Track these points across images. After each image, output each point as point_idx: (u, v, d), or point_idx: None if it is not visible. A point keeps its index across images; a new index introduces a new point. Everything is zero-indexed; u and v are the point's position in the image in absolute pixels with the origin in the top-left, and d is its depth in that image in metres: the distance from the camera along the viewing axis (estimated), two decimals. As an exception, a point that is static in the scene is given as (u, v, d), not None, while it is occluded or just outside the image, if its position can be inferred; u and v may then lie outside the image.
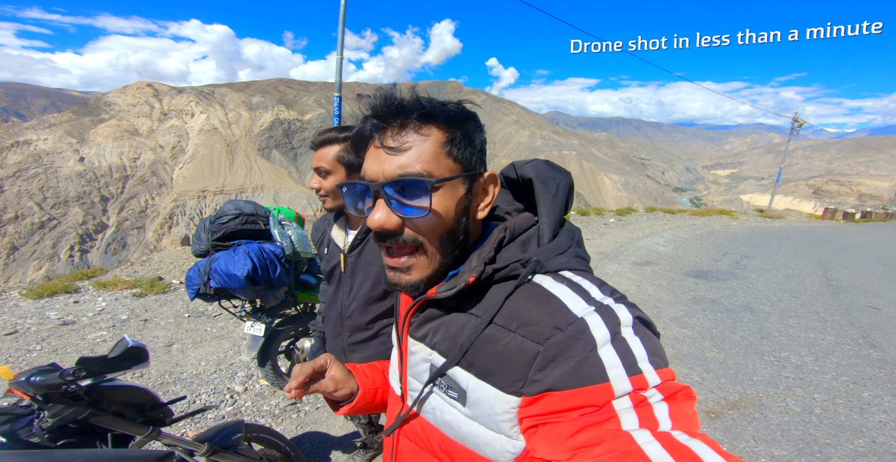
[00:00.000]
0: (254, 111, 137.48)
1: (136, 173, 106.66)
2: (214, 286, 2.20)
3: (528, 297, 0.56)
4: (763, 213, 18.44)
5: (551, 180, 0.66)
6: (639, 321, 0.52)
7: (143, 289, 4.35)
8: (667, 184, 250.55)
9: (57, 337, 3.32)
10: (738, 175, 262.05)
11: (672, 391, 0.48)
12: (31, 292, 4.15)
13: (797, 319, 4.58)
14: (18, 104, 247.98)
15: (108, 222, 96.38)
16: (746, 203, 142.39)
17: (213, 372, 2.91)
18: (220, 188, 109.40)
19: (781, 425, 2.64)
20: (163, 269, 5.28)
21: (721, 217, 14.84)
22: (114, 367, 1.10)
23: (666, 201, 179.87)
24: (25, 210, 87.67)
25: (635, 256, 7.16)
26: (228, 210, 2.36)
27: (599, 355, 0.48)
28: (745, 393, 3.01)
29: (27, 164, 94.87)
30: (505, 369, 0.54)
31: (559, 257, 0.60)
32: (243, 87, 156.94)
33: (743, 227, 12.63)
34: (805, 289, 5.83)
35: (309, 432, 2.39)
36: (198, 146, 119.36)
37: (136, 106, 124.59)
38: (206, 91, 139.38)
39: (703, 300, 5.04)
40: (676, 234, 9.99)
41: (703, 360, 3.47)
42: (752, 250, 8.62)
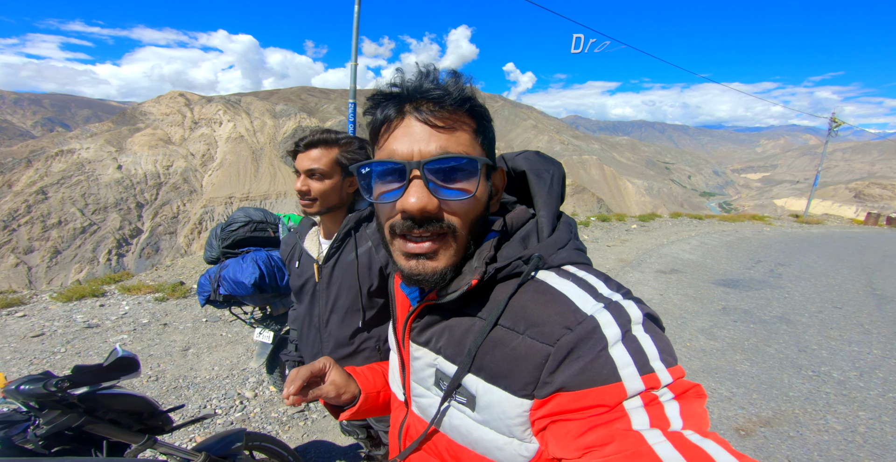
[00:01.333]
0: (277, 119, 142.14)
1: (169, 180, 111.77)
2: (224, 293, 2.21)
3: (534, 296, 0.53)
4: (799, 218, 17.49)
5: (545, 172, 0.64)
6: (648, 318, 0.50)
7: (165, 293, 4.47)
8: (693, 188, 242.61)
9: (81, 340, 3.43)
10: (772, 179, 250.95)
11: (683, 389, 0.46)
12: (61, 296, 4.32)
13: (839, 331, 4.25)
14: (63, 114, 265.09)
15: (142, 227, 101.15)
16: (781, 208, 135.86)
17: (226, 377, 2.92)
18: (246, 194, 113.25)
19: (820, 444, 2.43)
20: (185, 274, 5.43)
21: (753, 222, 14.14)
22: (104, 377, 1.08)
23: (693, 206, 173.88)
24: (68, 216, 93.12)
25: (659, 264, 6.87)
26: (238, 217, 2.38)
27: (611, 354, 0.47)
28: (780, 409, 2.80)
29: (70, 171, 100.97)
30: (515, 373, 0.52)
31: (561, 252, 0.58)
32: (268, 95, 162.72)
33: (777, 234, 11.98)
34: (848, 299, 5.42)
35: (315, 441, 2.35)
36: (225, 154, 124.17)
37: (170, 115, 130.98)
38: (233, 100, 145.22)
39: (734, 310, 4.75)
40: (704, 240, 9.56)
41: (734, 374, 3.24)
42: (788, 258, 8.13)
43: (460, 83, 0.55)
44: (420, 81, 0.54)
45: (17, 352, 3.18)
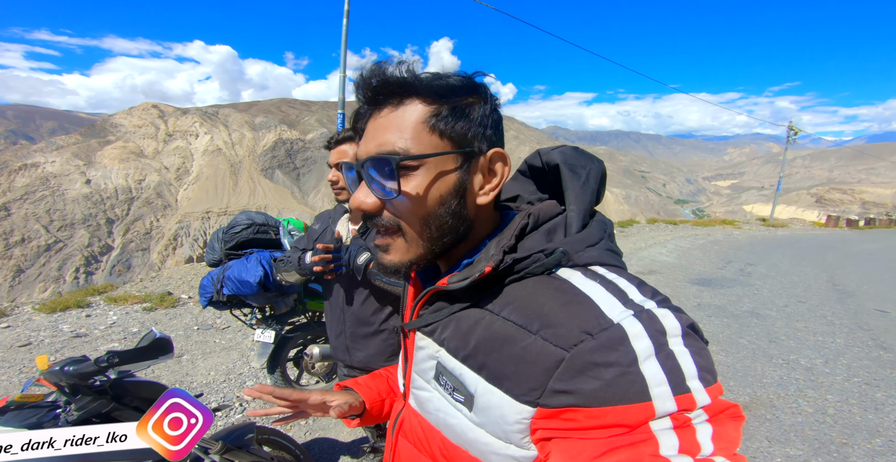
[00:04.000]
0: (257, 131, 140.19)
1: (141, 195, 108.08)
2: (227, 293, 2.26)
3: (554, 295, 0.48)
4: (766, 222, 18.42)
5: (580, 167, 0.59)
6: (689, 329, 0.45)
7: (154, 303, 4.41)
8: (668, 196, 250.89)
9: (70, 349, 3.36)
10: (740, 185, 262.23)
11: (718, 410, 0.42)
12: (44, 307, 4.21)
13: (805, 323, 4.56)
14: (27, 126, 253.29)
15: (113, 244, 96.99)
16: (749, 213, 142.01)
17: (223, 381, 2.93)
18: (224, 209, 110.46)
19: (795, 426, 2.63)
20: (171, 284, 5.35)
21: (724, 227, 14.85)
22: (142, 357, 1.15)
23: (668, 213, 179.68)
24: (32, 233, 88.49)
25: (638, 266, 7.18)
26: (241, 220, 2.45)
27: (641, 371, 0.41)
28: (756, 395, 3.00)
29: (35, 186, 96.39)
30: (521, 375, 0.47)
31: (590, 250, 0.52)
32: (247, 107, 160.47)
33: (746, 237, 12.63)
34: (811, 294, 5.81)
35: (318, 438, 2.40)
36: (202, 167, 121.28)
37: (142, 127, 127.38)
38: (211, 112, 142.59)
39: (709, 306, 5.04)
40: (679, 244, 10.00)
41: (711, 364, 3.46)
42: (757, 258, 8.61)
43: (402, 67, 0.51)
44: (362, 84, 0.52)
45: (4, 361, 3.11)
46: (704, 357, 0.44)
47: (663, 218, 16.76)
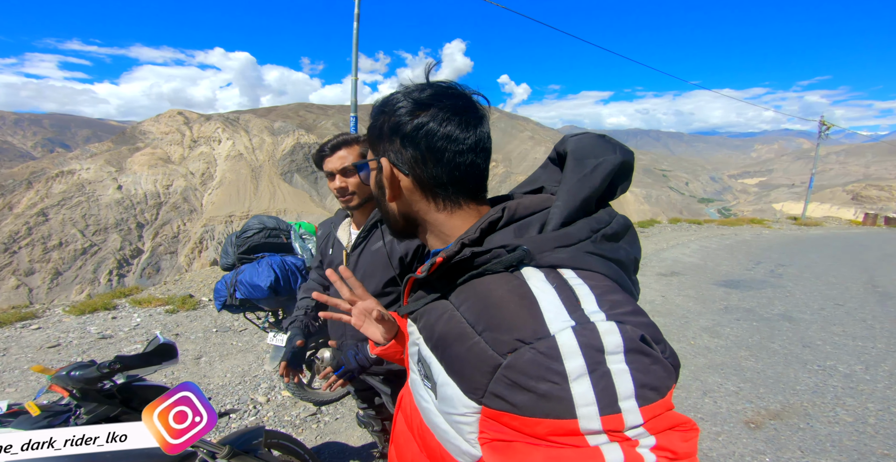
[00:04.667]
0: (276, 136, 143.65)
1: (169, 200, 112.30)
2: (240, 297, 2.28)
3: (506, 295, 0.48)
4: (798, 220, 17.60)
5: (591, 158, 0.56)
6: (636, 344, 0.43)
7: (176, 305, 4.53)
8: (692, 195, 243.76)
9: (96, 350, 3.48)
10: (768, 183, 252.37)
11: (665, 426, 0.43)
12: (74, 309, 4.38)
13: (842, 327, 4.30)
14: (63, 134, 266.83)
15: (143, 247, 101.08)
16: (779, 212, 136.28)
17: (238, 383, 2.97)
18: (246, 213, 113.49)
19: (831, 436, 2.47)
20: (193, 287, 5.49)
21: (752, 226, 14.25)
22: (146, 362, 1.15)
23: (692, 213, 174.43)
24: (69, 237, 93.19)
25: (660, 267, 6.95)
26: (253, 225, 2.47)
27: (570, 389, 0.41)
28: (788, 403, 2.83)
29: (71, 192, 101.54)
30: (466, 373, 0.49)
31: (559, 250, 0.51)
32: (266, 112, 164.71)
33: (776, 236, 12.08)
34: (849, 296, 5.48)
35: (328, 442, 2.39)
36: (225, 172, 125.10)
37: (169, 134, 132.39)
38: (232, 117, 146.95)
39: (737, 309, 4.81)
40: (704, 244, 9.65)
41: (739, 370, 3.28)
42: (788, 259, 8.21)
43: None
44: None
45: (34, 361, 3.24)
46: (650, 374, 0.43)
47: (687, 217, 16.23)
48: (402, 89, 0.60)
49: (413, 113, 0.58)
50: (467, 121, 0.58)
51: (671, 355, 0.48)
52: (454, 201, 0.60)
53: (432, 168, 0.58)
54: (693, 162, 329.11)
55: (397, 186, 0.61)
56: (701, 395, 2.92)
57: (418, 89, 0.59)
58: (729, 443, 2.42)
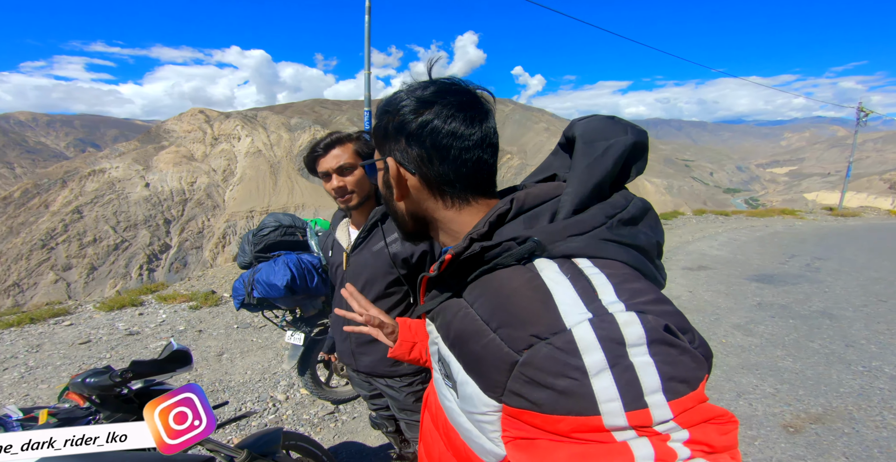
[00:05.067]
0: (293, 132, 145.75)
1: (193, 196, 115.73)
2: (257, 296, 2.26)
3: (520, 289, 0.46)
4: (834, 211, 16.71)
5: (601, 140, 0.54)
6: (659, 334, 0.41)
7: (199, 302, 4.61)
8: (716, 185, 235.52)
9: (124, 346, 3.57)
10: (799, 172, 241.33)
11: (698, 420, 0.40)
12: (104, 305, 4.52)
13: (887, 325, 4.02)
14: (93, 134, 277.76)
15: (170, 243, 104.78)
16: (812, 202, 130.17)
17: (258, 381, 2.99)
18: (265, 208, 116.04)
19: (878, 441, 2.30)
20: (215, 283, 5.59)
21: (784, 217, 13.60)
22: (160, 369, 1.13)
23: (717, 204, 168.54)
24: (102, 233, 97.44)
25: (686, 261, 6.68)
26: (269, 222, 2.45)
27: (591, 384, 0.40)
28: (831, 405, 2.66)
29: (102, 190, 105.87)
30: (484, 372, 0.48)
31: (573, 239, 0.49)
32: (282, 109, 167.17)
33: (811, 227, 11.48)
34: (894, 292, 5.13)
35: (346, 442, 2.37)
36: (245, 168, 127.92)
37: (191, 132, 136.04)
38: (250, 115, 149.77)
39: (771, 306, 4.57)
40: (733, 236, 9.25)
41: (776, 370, 3.11)
42: (825, 251, 7.77)
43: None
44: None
45: (66, 357, 3.34)
46: (677, 365, 0.40)
47: (711, 208, 15.62)
48: (406, 87, 0.59)
49: (417, 111, 0.57)
50: (472, 116, 0.57)
51: (701, 345, 0.45)
52: (462, 198, 0.59)
53: (438, 166, 0.57)
54: (718, 151, 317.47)
55: (404, 186, 0.60)
56: (735, 396, 2.77)
57: (421, 87, 0.58)
58: (766, 447, 2.29)
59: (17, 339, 3.68)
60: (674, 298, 4.77)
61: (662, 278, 0.57)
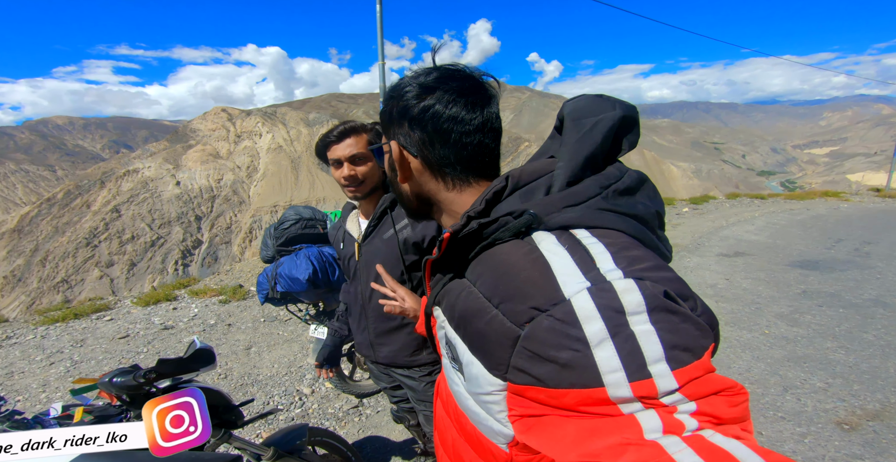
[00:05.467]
0: (311, 127, 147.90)
1: (220, 193, 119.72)
2: (281, 290, 2.26)
3: (518, 262, 0.46)
4: (881, 192, 15.56)
5: (588, 117, 0.54)
6: (659, 301, 0.40)
7: (227, 296, 4.73)
8: (749, 168, 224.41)
9: (160, 340, 3.70)
10: (841, 153, 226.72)
11: (706, 391, 0.39)
12: (140, 301, 4.70)
13: (952, 315, 3.69)
14: (125, 136, 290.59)
15: (202, 238, 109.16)
16: (856, 183, 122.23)
17: (285, 374, 3.02)
18: (288, 202, 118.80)
19: (949, 442, 2.10)
20: (242, 277, 5.73)
21: (826, 199, 12.77)
22: (184, 368, 1.12)
23: (750, 187, 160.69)
24: (139, 231, 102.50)
25: (721, 247, 6.35)
26: (289, 216, 2.44)
27: (594, 355, 0.39)
28: (889, 401, 2.46)
29: (137, 190, 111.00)
30: (488, 349, 0.48)
31: (568, 210, 0.49)
32: (300, 105, 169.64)
33: (857, 210, 10.72)
34: (957, 277, 4.71)
35: (371, 436, 2.37)
36: (267, 164, 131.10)
37: (216, 131, 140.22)
38: (270, 111, 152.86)
39: (818, 294, 4.26)
40: (771, 220, 8.74)
41: (827, 363, 2.89)
42: (875, 235, 7.22)
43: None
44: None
45: (107, 352, 3.49)
46: (680, 333, 0.40)
47: (745, 192, 14.84)
48: (410, 74, 0.61)
49: (419, 96, 0.59)
50: (474, 102, 0.58)
51: (704, 312, 0.43)
52: (463, 179, 0.61)
53: (440, 149, 0.59)
54: (750, 133, 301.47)
55: (407, 168, 0.63)
56: (781, 391, 2.60)
57: (424, 73, 0.60)
58: (817, 445, 2.14)
59: (63, 334, 3.87)
60: (709, 287, 4.54)
61: (668, 250, 0.57)
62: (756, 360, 2.97)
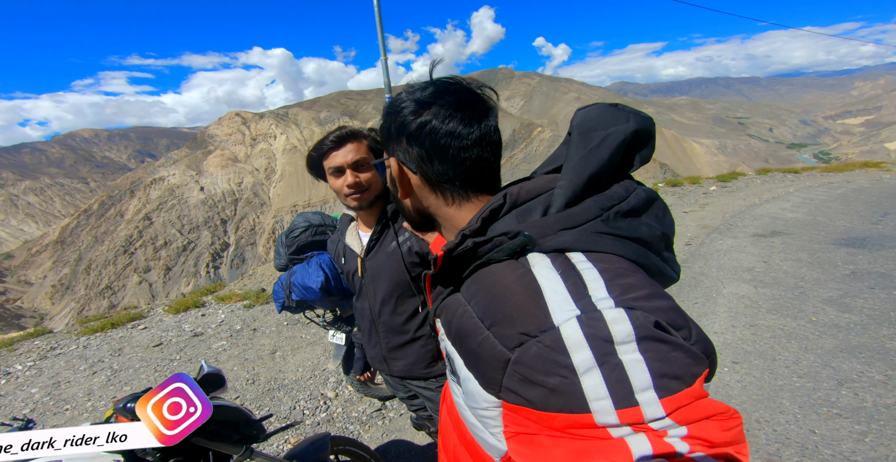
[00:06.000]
0: (323, 126, 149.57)
1: (242, 196, 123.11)
2: (296, 299, 2.22)
3: (511, 285, 0.47)
4: (928, 158, 14.47)
5: (598, 130, 0.52)
6: (649, 331, 0.40)
7: (251, 300, 4.79)
8: (778, 141, 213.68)
9: (191, 347, 3.77)
10: (877, 121, 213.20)
11: (694, 418, 0.39)
12: (171, 308, 4.83)
13: None
14: (148, 145, 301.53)
15: (229, 241, 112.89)
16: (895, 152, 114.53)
17: (309, 378, 3.02)
18: (307, 202, 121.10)
19: None
20: (265, 281, 5.81)
21: (867, 170, 11.93)
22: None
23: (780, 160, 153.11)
24: (171, 236, 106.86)
25: (755, 226, 6.00)
26: (299, 223, 2.40)
27: (581, 383, 0.40)
28: (966, 396, 2.23)
29: (165, 197, 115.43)
30: (481, 369, 0.49)
31: (564, 233, 0.48)
32: (310, 104, 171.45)
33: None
34: None
35: (394, 440, 2.33)
36: (284, 165, 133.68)
37: (232, 135, 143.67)
38: (282, 113, 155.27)
39: (868, 275, 3.95)
40: (808, 195, 8.23)
41: (885, 353, 2.66)
42: (926, 206, 6.69)
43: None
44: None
45: (143, 360, 3.58)
46: (669, 362, 0.40)
47: (775, 166, 14.07)
48: (407, 89, 0.61)
49: (416, 112, 0.58)
50: (471, 116, 0.58)
51: (699, 340, 0.44)
52: (462, 195, 0.60)
53: (438, 165, 0.59)
54: (776, 106, 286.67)
55: (407, 184, 0.63)
56: (835, 385, 2.40)
57: (421, 88, 0.60)
58: (879, 445, 1.95)
59: (103, 343, 4.01)
60: (746, 270, 4.29)
61: (675, 271, 0.56)
62: (804, 351, 2.76)
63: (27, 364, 3.64)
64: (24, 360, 3.71)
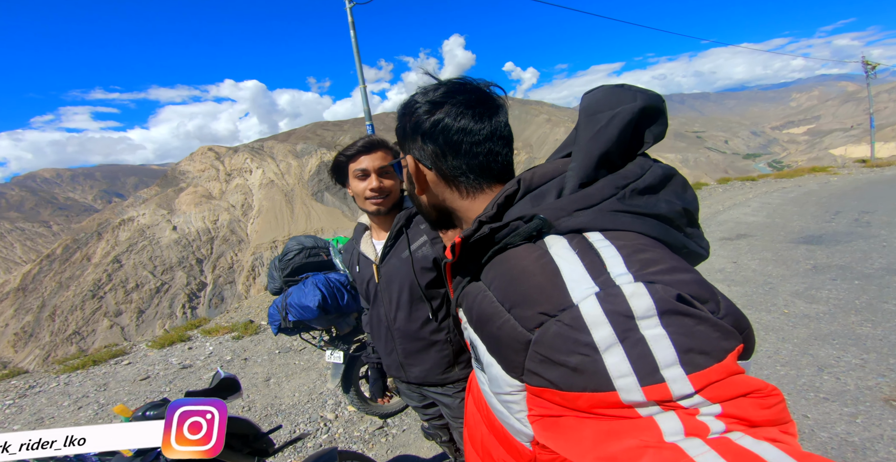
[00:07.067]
0: (300, 158, 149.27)
1: (218, 234, 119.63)
2: (292, 320, 2.25)
3: (530, 267, 0.46)
4: (867, 162, 15.81)
5: (605, 111, 0.52)
6: (670, 304, 0.39)
7: (240, 332, 4.67)
8: (734, 152, 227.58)
9: (180, 379, 3.64)
10: (818, 130, 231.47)
11: (728, 395, 0.37)
12: (155, 343, 4.65)
13: (966, 273, 3.68)
14: (115, 184, 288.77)
15: (206, 281, 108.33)
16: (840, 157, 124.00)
17: (307, 401, 2.96)
18: (286, 236, 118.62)
19: None
20: (252, 313, 5.68)
21: (815, 175, 12.93)
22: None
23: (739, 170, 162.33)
24: (143, 279, 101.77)
25: (721, 231, 6.38)
26: (292, 247, 2.46)
27: (603, 361, 0.39)
28: (926, 373, 2.40)
29: (135, 238, 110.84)
30: (503, 353, 0.48)
31: (579, 214, 0.48)
32: (286, 137, 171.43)
33: (847, 182, 10.86)
34: (961, 237, 4.73)
35: (399, 456, 2.32)
36: (261, 200, 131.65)
37: (205, 171, 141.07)
38: (256, 146, 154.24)
39: (829, 268, 4.26)
40: (765, 200, 8.82)
41: (856, 339, 2.85)
42: (870, 204, 7.29)
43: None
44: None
45: (131, 394, 3.44)
46: (695, 336, 0.38)
47: (735, 176, 15.02)
48: (420, 90, 0.64)
49: (429, 112, 0.61)
50: (481, 113, 0.61)
51: (729, 314, 0.41)
52: (477, 187, 0.62)
53: (452, 160, 0.61)
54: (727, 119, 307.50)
55: (423, 180, 0.65)
56: (816, 371, 2.54)
57: (433, 89, 0.63)
58: (871, 425, 2.03)
59: (86, 380, 3.82)
60: (717, 271, 4.53)
61: (703, 247, 0.54)
62: (782, 342, 2.93)
63: (6, 402, 3.44)
64: (2, 399, 3.50)
